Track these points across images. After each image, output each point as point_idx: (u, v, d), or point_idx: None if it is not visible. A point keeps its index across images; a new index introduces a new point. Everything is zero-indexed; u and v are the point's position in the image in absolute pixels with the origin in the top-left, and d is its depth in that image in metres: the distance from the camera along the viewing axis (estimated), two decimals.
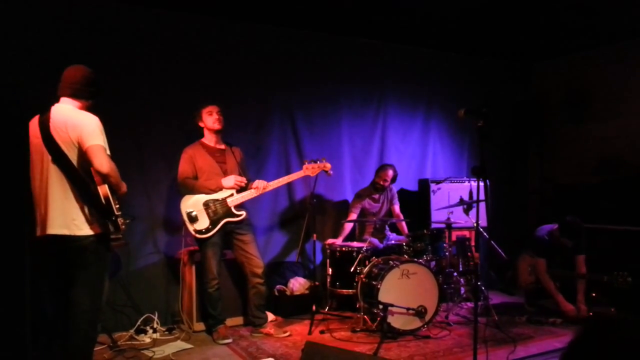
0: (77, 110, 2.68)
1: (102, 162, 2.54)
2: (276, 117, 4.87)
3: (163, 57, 4.29)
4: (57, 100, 2.71)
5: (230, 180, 3.85)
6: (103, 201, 2.59)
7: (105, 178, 2.57)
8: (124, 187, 2.74)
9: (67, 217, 2.58)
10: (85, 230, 2.60)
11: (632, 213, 4.71)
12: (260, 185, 3.93)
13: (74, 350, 2.68)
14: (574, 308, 4.21)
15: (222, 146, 4.00)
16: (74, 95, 2.70)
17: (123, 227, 2.67)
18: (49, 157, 2.59)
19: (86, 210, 2.60)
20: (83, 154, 2.57)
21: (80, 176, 2.59)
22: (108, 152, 2.63)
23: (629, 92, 5.29)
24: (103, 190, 2.59)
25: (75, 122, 2.59)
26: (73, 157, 2.59)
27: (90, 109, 2.76)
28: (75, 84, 2.69)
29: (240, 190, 3.90)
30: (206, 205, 3.79)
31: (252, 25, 4.68)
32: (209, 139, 3.95)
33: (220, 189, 3.85)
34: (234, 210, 3.84)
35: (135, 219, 4.12)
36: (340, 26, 4.90)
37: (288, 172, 4.64)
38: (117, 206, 2.67)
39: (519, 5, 4.40)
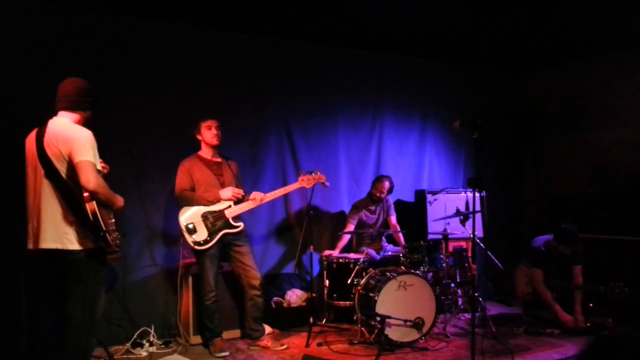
0: (71, 124, 2.67)
1: (89, 178, 2.50)
2: (272, 129, 4.88)
3: (159, 69, 4.31)
4: (55, 114, 2.72)
5: (228, 191, 3.85)
6: (91, 217, 2.55)
7: (92, 195, 2.53)
8: (118, 201, 2.72)
9: (59, 232, 2.57)
10: (77, 244, 2.58)
11: (628, 223, 4.73)
12: (258, 197, 3.94)
13: None
14: (572, 318, 4.21)
15: (219, 159, 4.01)
16: (70, 108, 2.69)
17: (117, 242, 2.64)
18: (42, 172, 2.59)
19: (78, 225, 2.59)
20: (74, 169, 2.56)
21: (71, 191, 2.58)
22: (99, 167, 2.61)
23: (623, 102, 5.34)
24: (91, 206, 2.55)
25: (66, 136, 2.58)
26: (64, 171, 2.58)
27: (89, 120, 2.75)
28: (70, 96, 2.69)
29: (238, 201, 3.91)
30: (204, 216, 3.79)
31: (249, 36, 4.72)
32: (206, 152, 3.96)
33: (218, 200, 3.85)
34: (231, 222, 3.85)
35: (132, 232, 4.13)
36: (336, 37, 4.94)
37: (285, 184, 4.65)
38: (112, 221, 2.66)
39: (514, 15, 4.45)
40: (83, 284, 2.63)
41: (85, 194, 2.54)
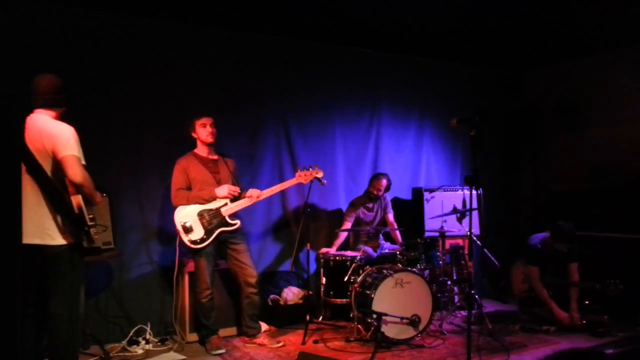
0: (52, 121, 2.69)
1: (76, 172, 2.55)
2: (270, 126, 4.87)
3: (155, 67, 4.30)
4: (31, 111, 2.72)
5: (224, 189, 3.84)
6: (76, 211, 2.59)
7: (78, 188, 2.58)
8: (97, 197, 2.75)
9: (40, 227, 2.59)
10: (58, 239, 2.61)
11: (625, 220, 4.74)
12: (254, 194, 3.93)
13: None
14: (567, 316, 4.23)
15: (215, 157, 4.00)
16: (47, 106, 2.71)
17: (96, 236, 2.67)
18: (23, 168, 2.59)
19: (59, 220, 2.61)
20: (57, 164, 2.59)
21: (54, 186, 2.60)
22: (83, 162, 2.65)
23: (621, 100, 5.34)
24: (76, 200, 2.59)
25: (50, 132, 2.60)
26: (47, 167, 2.60)
27: (64, 116, 2.77)
28: (47, 94, 2.70)
29: (234, 199, 3.90)
30: (200, 215, 3.78)
31: (245, 34, 4.70)
32: (202, 150, 3.95)
33: (214, 198, 3.84)
34: (228, 220, 3.84)
35: (128, 230, 4.13)
36: (333, 35, 4.93)
37: (282, 181, 4.64)
38: (91, 216, 2.68)
39: (511, 13, 4.44)
40: (64, 279, 2.65)
41: (70, 188, 2.56)
